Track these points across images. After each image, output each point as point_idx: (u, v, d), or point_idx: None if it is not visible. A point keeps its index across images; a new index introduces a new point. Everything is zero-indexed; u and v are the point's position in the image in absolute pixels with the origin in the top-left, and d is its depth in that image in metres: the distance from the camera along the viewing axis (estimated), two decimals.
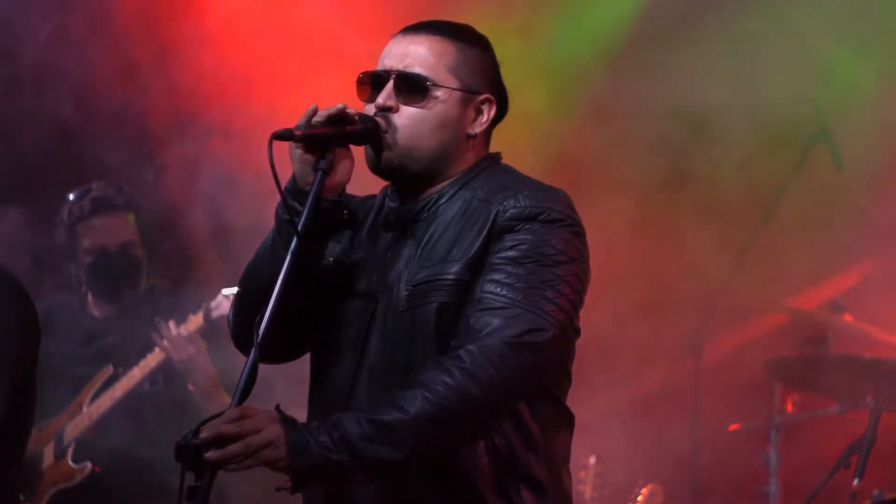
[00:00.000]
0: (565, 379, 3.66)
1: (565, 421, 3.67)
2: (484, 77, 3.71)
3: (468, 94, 3.67)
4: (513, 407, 3.53)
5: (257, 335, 3.37)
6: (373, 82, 3.68)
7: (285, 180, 3.60)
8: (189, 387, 6.71)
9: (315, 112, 3.58)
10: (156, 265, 7.00)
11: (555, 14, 7.50)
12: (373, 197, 3.80)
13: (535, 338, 3.45)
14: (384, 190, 3.77)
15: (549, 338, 3.46)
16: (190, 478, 3.28)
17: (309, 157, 3.58)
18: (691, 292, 7.46)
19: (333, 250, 3.70)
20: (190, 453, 3.26)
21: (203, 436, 3.26)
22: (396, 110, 3.64)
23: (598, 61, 7.52)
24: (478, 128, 3.70)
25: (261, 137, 3.54)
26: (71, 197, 6.92)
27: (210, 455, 3.26)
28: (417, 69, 3.64)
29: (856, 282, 7.40)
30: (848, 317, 7.00)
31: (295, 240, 3.48)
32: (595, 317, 4.56)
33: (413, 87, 3.64)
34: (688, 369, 7.42)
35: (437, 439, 3.40)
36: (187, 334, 6.71)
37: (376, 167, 3.65)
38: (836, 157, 7.27)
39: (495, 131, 3.77)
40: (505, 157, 3.76)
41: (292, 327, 3.63)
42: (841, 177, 7.30)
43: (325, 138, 3.57)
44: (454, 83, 3.66)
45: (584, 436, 3.97)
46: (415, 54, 3.66)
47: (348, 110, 3.58)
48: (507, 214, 3.54)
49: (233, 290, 3.99)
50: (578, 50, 7.52)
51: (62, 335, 6.66)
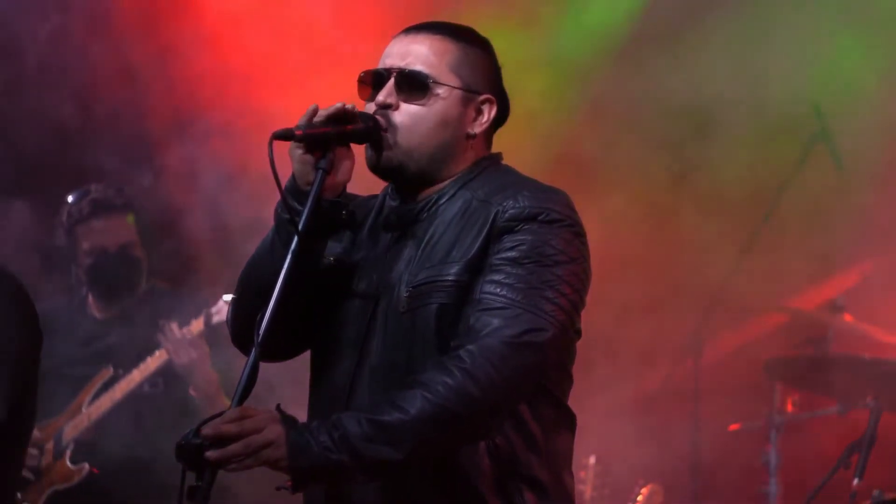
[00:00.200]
0: (566, 379, 3.65)
1: (567, 422, 3.66)
2: (485, 78, 3.71)
3: (469, 94, 3.67)
4: (513, 407, 3.53)
5: (258, 334, 3.37)
6: (374, 81, 3.67)
7: (285, 180, 3.59)
8: (190, 391, 6.71)
9: (315, 112, 3.58)
10: (155, 266, 6.99)
11: (556, 12, 7.49)
12: (374, 197, 3.79)
13: (534, 338, 3.44)
14: (385, 190, 3.77)
15: (548, 338, 3.46)
16: (190, 478, 3.28)
17: (309, 157, 3.57)
18: (691, 292, 7.46)
19: (334, 250, 3.69)
20: (190, 453, 3.26)
21: (204, 435, 3.26)
22: (397, 108, 3.63)
23: (599, 59, 7.52)
24: (478, 128, 3.69)
25: (260, 138, 3.54)
26: (70, 199, 6.92)
27: (210, 455, 3.26)
28: (419, 67, 3.64)
29: (856, 282, 7.39)
30: (848, 317, 6.99)
31: (295, 239, 3.48)
32: (595, 316, 4.54)
33: (414, 84, 3.63)
34: (688, 369, 7.42)
35: (437, 439, 3.40)
36: (191, 338, 6.70)
37: (376, 167, 3.64)
38: (836, 157, 7.27)
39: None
40: (505, 157, 3.76)
41: (293, 326, 3.63)
42: (841, 177, 7.30)
43: (325, 138, 3.56)
44: (455, 82, 3.66)
45: (584, 436, 3.96)
46: (416, 53, 3.66)
47: (347, 107, 3.57)
48: (507, 215, 3.54)
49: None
50: (579, 48, 7.52)
51: (62, 336, 6.66)
